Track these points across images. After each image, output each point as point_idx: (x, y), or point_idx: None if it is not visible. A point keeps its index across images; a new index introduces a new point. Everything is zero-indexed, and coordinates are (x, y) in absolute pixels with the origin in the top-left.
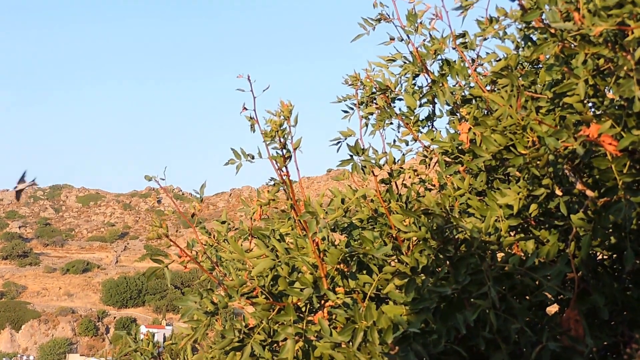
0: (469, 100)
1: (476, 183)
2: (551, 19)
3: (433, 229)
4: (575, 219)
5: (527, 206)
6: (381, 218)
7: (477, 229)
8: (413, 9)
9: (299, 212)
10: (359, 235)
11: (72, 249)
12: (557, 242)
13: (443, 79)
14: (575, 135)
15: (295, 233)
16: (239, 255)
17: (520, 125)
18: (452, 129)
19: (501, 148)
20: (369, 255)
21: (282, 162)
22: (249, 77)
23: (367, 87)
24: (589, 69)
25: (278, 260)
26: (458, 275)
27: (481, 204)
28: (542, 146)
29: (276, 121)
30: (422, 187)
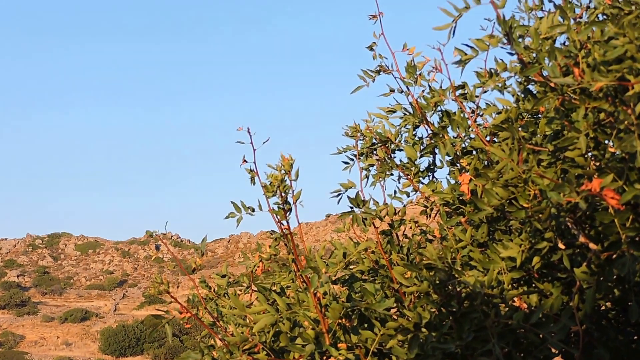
0: (470, 152)
1: (478, 235)
2: (551, 74)
3: (435, 283)
4: (579, 272)
5: (529, 259)
6: (382, 270)
7: (479, 283)
8: (412, 61)
9: (300, 266)
10: (360, 288)
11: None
12: (561, 295)
13: (443, 130)
14: (577, 190)
15: (295, 286)
16: (240, 310)
17: (522, 179)
18: (453, 179)
19: (503, 201)
20: (370, 309)
21: (282, 215)
22: (249, 129)
23: (367, 138)
24: (589, 122)
25: (279, 316)
26: (462, 332)
27: (483, 256)
28: (544, 199)
29: (277, 176)
30: (423, 238)
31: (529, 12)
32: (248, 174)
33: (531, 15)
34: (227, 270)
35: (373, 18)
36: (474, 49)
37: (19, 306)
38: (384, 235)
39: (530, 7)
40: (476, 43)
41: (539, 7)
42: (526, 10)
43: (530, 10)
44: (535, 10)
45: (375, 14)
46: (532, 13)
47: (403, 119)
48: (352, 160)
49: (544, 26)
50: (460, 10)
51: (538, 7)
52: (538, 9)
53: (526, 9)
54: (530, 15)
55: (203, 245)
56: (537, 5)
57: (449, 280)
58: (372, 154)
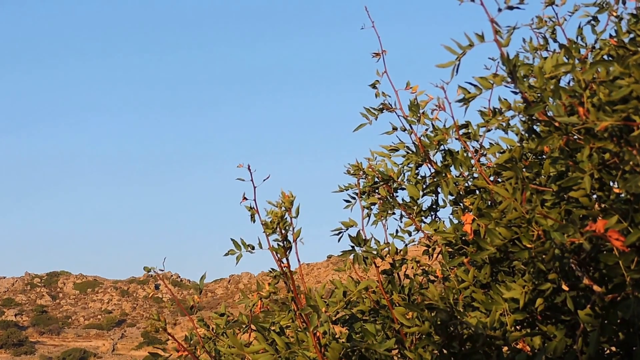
0: (473, 191)
1: (480, 276)
2: (555, 113)
3: (437, 324)
4: (583, 314)
5: (533, 300)
6: (383, 310)
7: (482, 324)
8: (415, 100)
9: (300, 305)
10: (361, 328)
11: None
12: (565, 338)
13: (446, 169)
14: (581, 230)
15: (295, 325)
16: (238, 350)
17: (525, 219)
18: (456, 219)
19: (506, 241)
20: (371, 350)
21: (282, 253)
22: (249, 166)
23: (369, 176)
24: (594, 162)
25: (278, 355)
26: None
27: (486, 297)
28: (547, 240)
29: (277, 212)
30: (425, 279)
31: (533, 52)
32: (248, 211)
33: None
34: (226, 310)
35: (376, 56)
36: (478, 87)
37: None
38: (385, 274)
39: (535, 47)
40: (480, 81)
41: (544, 47)
42: (531, 50)
43: (535, 50)
44: (540, 51)
45: (379, 52)
46: (537, 53)
47: (406, 158)
48: (353, 199)
49: (548, 65)
50: (463, 48)
51: (543, 47)
52: (543, 49)
53: (531, 49)
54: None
55: (202, 283)
56: (542, 45)
57: (450, 321)
58: (374, 193)
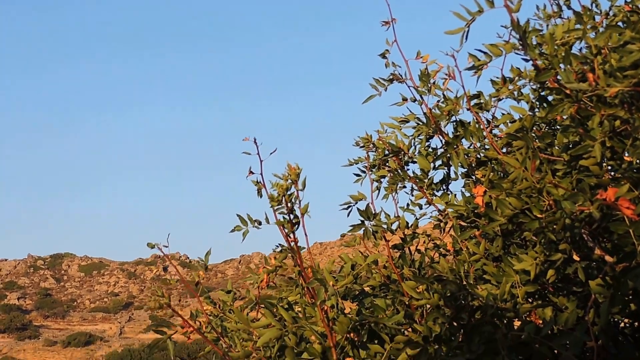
0: (484, 163)
1: (492, 248)
2: (565, 80)
3: (446, 296)
4: (594, 285)
5: (544, 272)
6: (393, 285)
7: (492, 296)
8: (426, 69)
9: (307, 279)
10: (371, 303)
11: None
12: (576, 309)
13: (457, 140)
14: (591, 199)
15: (303, 301)
16: (245, 325)
17: (536, 189)
18: (467, 192)
19: (517, 212)
20: (380, 324)
21: (290, 227)
22: (255, 140)
23: (379, 149)
24: (605, 130)
25: (285, 330)
26: (472, 344)
27: (497, 269)
28: (558, 210)
29: (282, 185)
30: (437, 253)
31: (547, 20)
32: (255, 186)
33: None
34: (232, 287)
35: (385, 24)
36: (488, 55)
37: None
38: (395, 249)
39: (548, 15)
40: (490, 48)
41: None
42: (544, 17)
43: (548, 18)
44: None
45: (388, 21)
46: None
47: (416, 129)
48: (363, 173)
49: (559, 31)
50: (473, 14)
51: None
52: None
53: (544, 17)
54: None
55: (207, 259)
56: (555, 12)
57: (460, 292)
58: (384, 166)
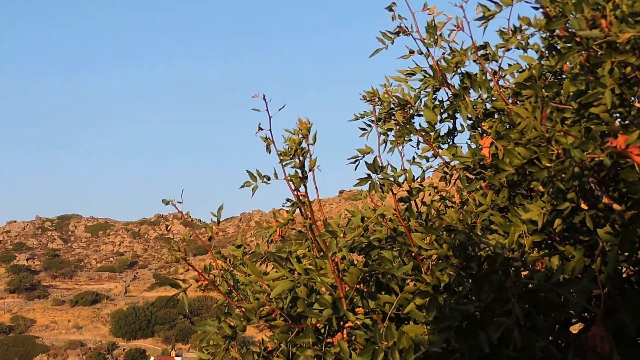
0: (491, 114)
1: (498, 199)
2: (577, 27)
3: (455, 246)
4: (602, 232)
5: (551, 221)
6: (400, 237)
7: (500, 245)
8: (433, 21)
9: (318, 232)
10: (378, 256)
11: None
12: (583, 258)
13: (465, 92)
14: (601, 147)
15: (312, 254)
16: (257, 277)
17: (545, 138)
18: (474, 144)
19: (525, 161)
20: (388, 275)
21: (299, 182)
22: (264, 96)
23: (385, 103)
24: (615, 77)
25: (297, 282)
26: (481, 293)
27: (504, 220)
28: (567, 159)
29: (295, 139)
30: (443, 205)
31: None
32: (263, 142)
33: None
34: (242, 241)
35: None
36: (498, 4)
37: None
38: (402, 202)
39: None
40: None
41: None
42: None
43: None
44: None
45: None
46: None
47: (423, 82)
48: (369, 127)
49: None
50: None
51: None
52: None
53: None
54: None
55: (219, 214)
56: None
57: (468, 242)
58: (390, 119)
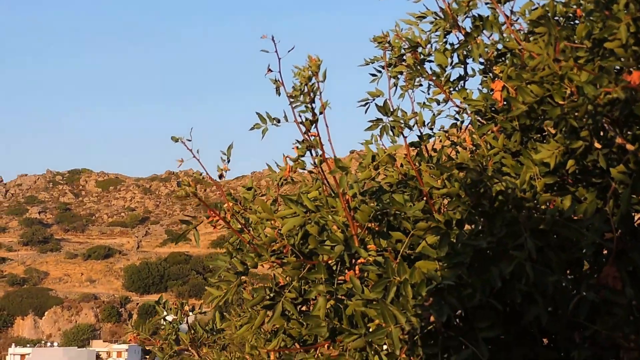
0: (503, 55)
1: (510, 143)
2: None
3: (467, 184)
4: (615, 172)
5: (564, 163)
6: (411, 181)
7: (512, 185)
8: None
9: (329, 168)
10: (389, 199)
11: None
12: (596, 200)
13: (477, 31)
14: (616, 81)
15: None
16: (268, 214)
17: (558, 75)
18: (485, 89)
19: (537, 99)
20: (400, 217)
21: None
22: (273, 37)
23: (395, 48)
24: (631, 12)
25: (308, 217)
26: (493, 228)
27: (516, 162)
28: (580, 96)
29: (305, 74)
30: (454, 150)
31: None
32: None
33: None
34: (253, 184)
35: None
36: None
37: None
38: (413, 147)
39: None
40: None
41: None
42: None
43: None
44: None
45: None
46: None
47: (433, 24)
48: (379, 72)
49: None
50: None
51: None
52: None
53: None
54: None
55: (229, 152)
56: None
57: (480, 179)
58: (401, 63)
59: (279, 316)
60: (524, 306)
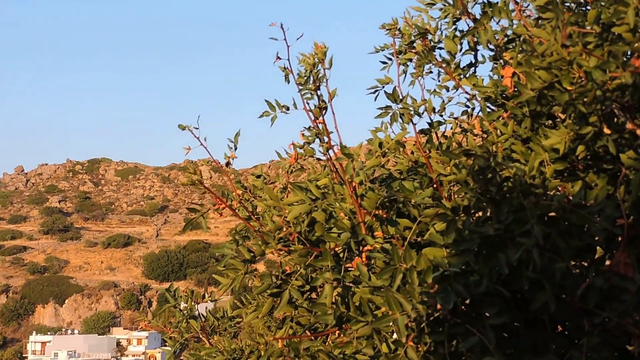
0: (512, 41)
1: (520, 130)
2: None
3: (474, 170)
4: (625, 157)
5: (574, 149)
6: (421, 169)
7: (520, 171)
8: None
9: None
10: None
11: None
12: (606, 186)
13: (486, 17)
14: (624, 66)
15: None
16: (275, 202)
17: (566, 61)
18: (496, 75)
19: (546, 85)
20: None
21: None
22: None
23: (405, 35)
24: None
25: (314, 205)
26: (500, 214)
27: (526, 149)
28: (589, 82)
29: (309, 61)
30: (464, 138)
31: None
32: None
33: None
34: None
35: None
36: None
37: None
38: (422, 134)
39: None
40: None
41: None
42: None
43: None
44: None
45: None
46: None
47: (443, 11)
48: (390, 60)
49: None
50: None
51: None
52: None
53: None
54: None
55: (236, 140)
56: None
57: (487, 166)
58: (410, 50)
59: (285, 304)
60: (532, 293)
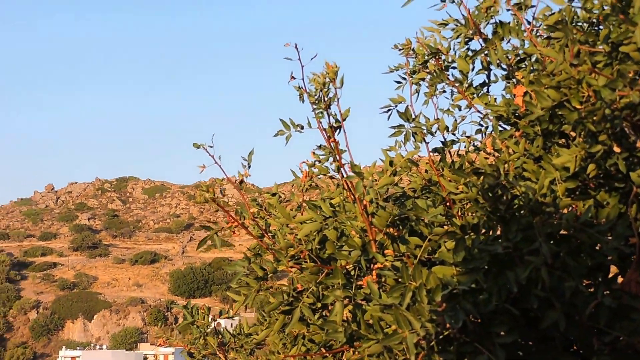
0: (524, 60)
1: (532, 148)
2: None
3: (484, 189)
4: (635, 176)
5: (584, 168)
6: (434, 187)
7: (530, 190)
8: None
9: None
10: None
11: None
12: (618, 205)
13: (496, 37)
14: (631, 85)
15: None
16: (286, 219)
17: (575, 80)
18: (508, 94)
19: (555, 103)
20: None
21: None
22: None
23: (419, 55)
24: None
25: (325, 223)
26: (509, 233)
27: (537, 167)
28: (597, 100)
29: (320, 80)
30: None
31: None
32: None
33: None
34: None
35: None
36: None
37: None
38: (435, 153)
39: None
40: None
41: None
42: None
43: None
44: None
45: None
46: None
47: (455, 31)
48: (404, 79)
49: None
50: None
51: None
52: None
53: None
54: None
55: (250, 158)
56: None
57: (497, 184)
58: (424, 70)
59: (297, 321)
60: (542, 311)
